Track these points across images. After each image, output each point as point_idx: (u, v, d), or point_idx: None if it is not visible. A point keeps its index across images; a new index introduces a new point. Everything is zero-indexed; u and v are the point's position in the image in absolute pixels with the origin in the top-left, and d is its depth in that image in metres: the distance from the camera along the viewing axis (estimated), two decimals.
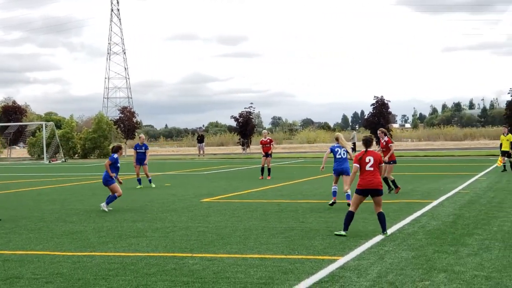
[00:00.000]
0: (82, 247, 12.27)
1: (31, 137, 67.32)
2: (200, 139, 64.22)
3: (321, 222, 14.80)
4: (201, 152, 63.00)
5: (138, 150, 26.00)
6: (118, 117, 72.35)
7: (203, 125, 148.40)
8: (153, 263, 10.54)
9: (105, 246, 12.36)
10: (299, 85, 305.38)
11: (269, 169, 29.73)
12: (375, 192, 12.80)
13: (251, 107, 69.66)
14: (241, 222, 15.21)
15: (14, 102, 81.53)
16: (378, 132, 22.04)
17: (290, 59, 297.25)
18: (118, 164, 18.52)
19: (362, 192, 12.79)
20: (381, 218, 12.82)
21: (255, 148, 61.51)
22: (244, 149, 67.26)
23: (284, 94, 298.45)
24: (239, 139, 68.74)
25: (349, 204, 17.36)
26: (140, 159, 25.92)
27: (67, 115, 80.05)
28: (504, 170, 30.23)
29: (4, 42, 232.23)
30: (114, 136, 65.71)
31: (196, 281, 9.26)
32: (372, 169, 12.79)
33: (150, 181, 26.16)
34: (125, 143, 69.48)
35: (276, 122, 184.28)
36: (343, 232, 12.80)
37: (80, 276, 9.71)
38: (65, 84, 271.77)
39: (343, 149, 17.84)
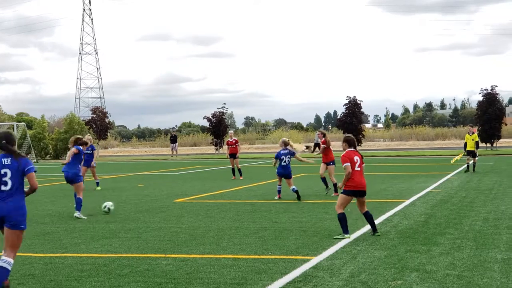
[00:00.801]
0: (54, 248, 12.19)
1: None
2: (173, 140, 63.99)
3: (294, 222, 14.84)
4: (174, 152, 62.79)
5: (84, 151, 25.62)
6: (90, 118, 71.88)
7: (176, 126, 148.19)
8: (125, 264, 10.50)
9: (77, 247, 12.28)
10: (272, 86, 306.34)
11: (239, 170, 29.67)
12: (363, 193, 12.80)
13: (224, 107, 69.71)
14: (215, 222, 15.20)
15: None
16: (317, 133, 22.10)
17: (264, 59, 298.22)
18: (82, 157, 18.35)
19: (353, 193, 12.63)
20: (370, 217, 12.81)
21: None
22: (217, 150, 67.19)
23: (257, 94, 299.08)
24: (212, 140, 68.67)
25: (298, 198, 19.33)
26: (86, 160, 25.55)
27: (39, 116, 79.31)
28: (468, 170, 30.24)
29: None
30: None
31: (169, 281, 9.24)
32: (359, 169, 12.72)
33: (97, 183, 25.82)
34: (98, 143, 69.09)
35: (249, 122, 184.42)
36: (346, 235, 12.45)
37: (52, 277, 9.65)
38: (37, 84, 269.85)
39: (288, 156, 20.04)
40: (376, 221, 14.55)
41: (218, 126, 66.65)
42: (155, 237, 13.25)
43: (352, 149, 12.88)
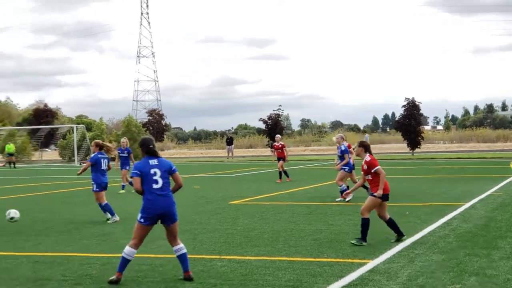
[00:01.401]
0: (111, 248, 12.32)
1: (62, 139, 67.93)
2: (229, 142, 64.30)
3: (351, 225, 14.68)
4: (230, 154, 63.06)
5: (120, 154, 26.24)
6: (147, 120, 72.73)
7: (232, 128, 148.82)
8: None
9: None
10: (328, 87, 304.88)
11: (285, 172, 29.77)
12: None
13: (280, 109, 69.58)
14: (270, 224, 15.16)
15: (45, 105, 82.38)
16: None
17: (319, 61, 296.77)
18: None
19: (387, 197, 12.50)
20: (393, 224, 12.53)
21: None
22: (272, 152, 67.22)
23: (313, 96, 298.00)
24: (268, 142, 68.70)
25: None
26: (122, 163, 26.08)
27: (97, 118, 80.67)
28: None
29: (37, 46, 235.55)
30: None
31: (224, 283, 9.23)
32: None
33: (123, 187, 25.73)
34: None
35: (305, 124, 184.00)
36: (364, 243, 12.03)
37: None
38: (96, 87, 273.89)
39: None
40: (435, 224, 14.35)
41: (274, 128, 66.60)
42: (210, 238, 13.28)
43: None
